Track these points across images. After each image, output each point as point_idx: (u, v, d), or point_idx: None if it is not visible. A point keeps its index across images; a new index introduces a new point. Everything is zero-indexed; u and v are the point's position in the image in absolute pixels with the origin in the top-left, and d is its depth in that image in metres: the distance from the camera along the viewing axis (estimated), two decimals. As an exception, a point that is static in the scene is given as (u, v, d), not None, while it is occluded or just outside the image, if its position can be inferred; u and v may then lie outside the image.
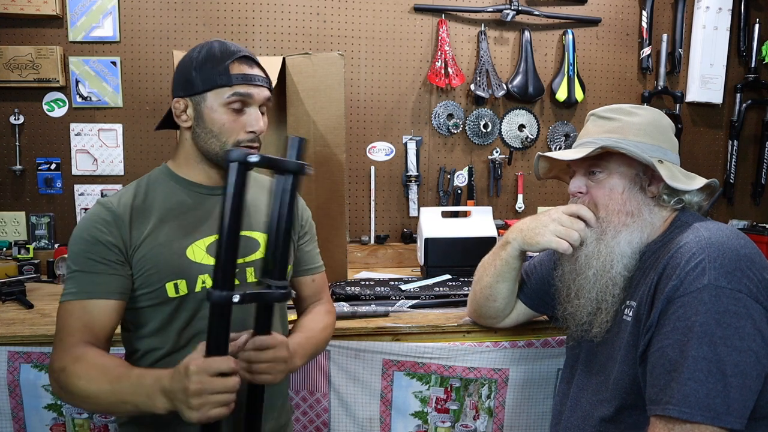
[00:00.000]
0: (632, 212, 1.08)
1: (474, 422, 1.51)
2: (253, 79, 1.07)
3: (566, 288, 1.17)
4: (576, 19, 2.38)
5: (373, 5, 2.27)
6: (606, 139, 1.09)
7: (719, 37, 2.43)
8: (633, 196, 1.09)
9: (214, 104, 1.06)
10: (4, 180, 2.19)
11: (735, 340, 0.87)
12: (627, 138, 1.08)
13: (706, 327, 0.88)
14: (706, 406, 0.85)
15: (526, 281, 1.39)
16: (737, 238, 0.95)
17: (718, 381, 0.86)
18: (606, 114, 1.13)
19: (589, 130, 1.15)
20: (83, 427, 1.44)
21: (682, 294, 0.92)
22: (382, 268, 2.28)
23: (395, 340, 1.47)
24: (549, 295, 1.32)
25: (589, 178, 1.13)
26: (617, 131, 1.10)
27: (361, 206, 2.33)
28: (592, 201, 1.13)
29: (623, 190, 1.09)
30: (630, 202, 1.08)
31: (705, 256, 0.92)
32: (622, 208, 1.09)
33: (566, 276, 1.17)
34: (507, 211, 2.44)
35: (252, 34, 2.23)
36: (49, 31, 2.14)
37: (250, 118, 1.07)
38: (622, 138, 1.08)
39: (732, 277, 0.90)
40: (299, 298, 1.30)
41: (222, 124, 1.06)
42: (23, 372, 1.39)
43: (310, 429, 1.50)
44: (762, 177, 2.53)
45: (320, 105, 1.75)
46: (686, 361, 0.87)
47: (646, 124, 1.10)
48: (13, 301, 1.69)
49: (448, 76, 2.27)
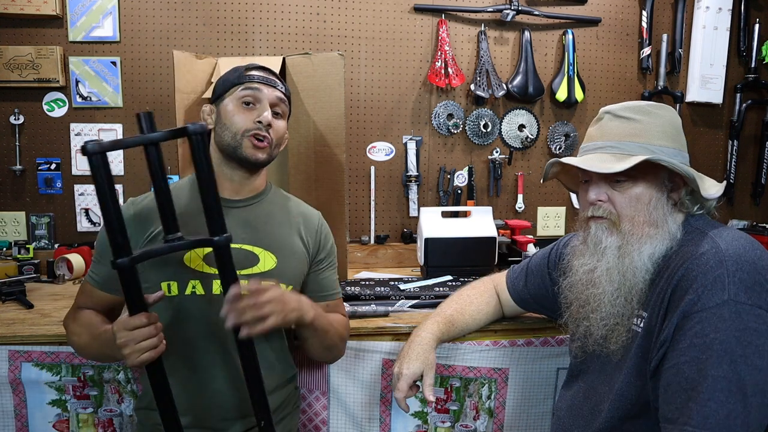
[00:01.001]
0: (657, 223, 1.02)
1: (474, 422, 1.51)
2: (263, 79, 1.20)
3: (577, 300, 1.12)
4: (576, 19, 2.38)
5: (373, 5, 2.27)
6: (633, 144, 1.01)
7: (719, 37, 2.42)
8: (659, 206, 1.02)
9: (230, 102, 1.20)
10: (4, 180, 2.19)
11: (755, 359, 0.85)
12: (651, 142, 1.01)
13: (726, 345, 0.85)
14: (726, 427, 0.83)
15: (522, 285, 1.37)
16: (753, 248, 0.93)
17: (739, 401, 0.84)
18: (625, 113, 1.04)
19: (606, 131, 1.05)
20: (87, 422, 1.44)
21: (700, 309, 0.89)
22: (382, 268, 2.28)
23: (395, 340, 1.47)
24: (548, 300, 1.32)
25: (611, 185, 1.04)
26: (641, 135, 1.02)
27: (361, 206, 2.33)
28: (614, 210, 1.05)
29: (650, 199, 1.02)
30: (656, 211, 1.02)
31: (723, 270, 0.89)
32: (648, 219, 1.02)
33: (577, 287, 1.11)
34: (507, 211, 2.44)
35: (252, 34, 2.23)
36: (49, 31, 2.14)
37: (258, 112, 1.18)
38: (647, 143, 1.01)
39: (752, 293, 0.87)
40: None
41: (233, 116, 1.18)
42: (24, 370, 1.40)
43: (309, 428, 1.50)
44: (762, 177, 2.53)
45: (320, 105, 1.75)
46: (705, 380, 0.85)
47: (668, 125, 1.04)
48: (13, 301, 1.69)
49: (448, 76, 2.27)
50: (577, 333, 1.13)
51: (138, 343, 0.97)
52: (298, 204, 1.33)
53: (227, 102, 1.20)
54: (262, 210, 1.24)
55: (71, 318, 1.22)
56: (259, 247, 1.20)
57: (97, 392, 1.44)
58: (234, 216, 1.20)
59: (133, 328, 0.97)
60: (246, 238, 1.19)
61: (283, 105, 1.23)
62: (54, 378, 1.41)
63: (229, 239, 1.02)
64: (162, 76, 2.20)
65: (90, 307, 1.22)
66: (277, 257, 1.20)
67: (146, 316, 0.98)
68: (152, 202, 1.15)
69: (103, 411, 1.44)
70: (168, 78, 2.18)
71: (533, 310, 1.43)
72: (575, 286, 1.12)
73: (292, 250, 1.23)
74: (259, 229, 1.21)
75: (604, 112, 1.08)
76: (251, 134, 1.17)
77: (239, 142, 1.17)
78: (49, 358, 1.40)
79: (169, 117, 2.15)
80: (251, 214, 1.22)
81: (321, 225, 1.33)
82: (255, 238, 1.20)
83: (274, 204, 1.27)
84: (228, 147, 1.18)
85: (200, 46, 2.20)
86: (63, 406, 1.44)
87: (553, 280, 1.30)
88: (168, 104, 2.18)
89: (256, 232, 1.21)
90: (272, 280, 1.18)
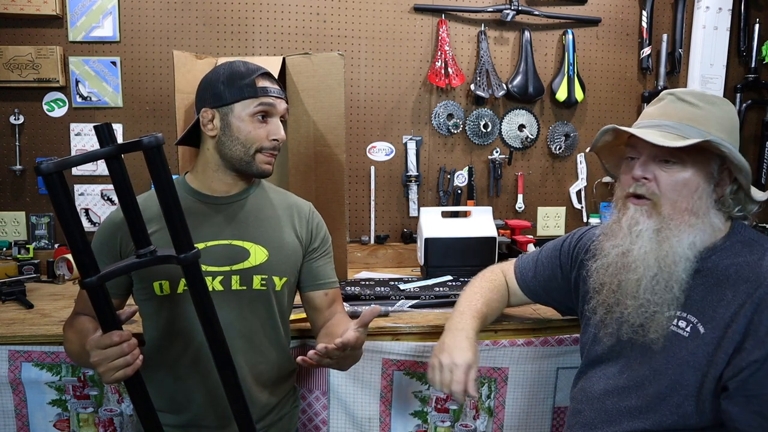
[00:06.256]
0: (699, 213, 0.99)
1: (474, 422, 1.51)
2: (275, 92, 1.20)
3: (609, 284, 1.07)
4: (576, 19, 2.38)
5: (373, 5, 2.27)
6: (691, 129, 0.98)
7: (719, 37, 2.42)
8: (704, 196, 0.99)
9: (242, 114, 1.17)
10: (4, 180, 2.19)
11: None
12: (710, 131, 0.98)
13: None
14: None
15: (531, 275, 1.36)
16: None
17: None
18: (688, 98, 1.01)
19: (667, 110, 1.02)
20: (88, 422, 1.45)
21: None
22: (382, 268, 2.28)
23: (395, 340, 1.47)
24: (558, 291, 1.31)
25: (659, 165, 1.00)
26: (701, 122, 0.99)
27: (361, 206, 2.33)
28: (657, 191, 1.00)
29: (697, 187, 0.99)
30: (700, 201, 0.99)
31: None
32: (690, 207, 0.99)
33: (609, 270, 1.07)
34: (507, 211, 2.44)
35: (252, 34, 2.23)
36: (49, 31, 2.14)
37: (272, 128, 1.19)
38: (705, 130, 0.98)
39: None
40: (313, 310, 1.31)
41: (248, 132, 1.17)
42: (24, 370, 1.40)
43: (309, 428, 1.50)
44: (762, 177, 2.53)
45: (320, 105, 1.75)
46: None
47: (727, 119, 1.01)
48: (13, 301, 1.69)
49: (448, 76, 2.27)
50: (608, 319, 1.09)
51: (111, 362, 0.96)
52: (287, 196, 1.34)
53: (239, 113, 1.16)
54: (251, 205, 1.25)
55: (68, 323, 1.22)
56: (249, 241, 1.20)
57: (97, 392, 1.44)
58: (223, 212, 1.21)
59: (106, 347, 0.96)
60: (236, 233, 1.20)
61: (287, 114, 1.25)
62: (54, 378, 1.41)
63: (197, 255, 0.99)
64: (162, 76, 2.20)
65: (87, 312, 1.21)
66: (268, 250, 1.21)
67: (118, 335, 0.97)
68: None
69: (103, 411, 1.45)
70: (168, 78, 2.18)
71: (542, 302, 1.40)
72: (607, 269, 1.08)
73: (283, 243, 1.24)
74: (249, 224, 1.22)
75: (667, 93, 1.05)
76: (266, 152, 1.18)
77: (252, 157, 1.18)
78: (49, 358, 1.40)
79: (169, 117, 2.16)
80: (240, 210, 1.23)
81: (312, 214, 1.33)
82: (245, 233, 1.21)
83: (262, 198, 1.28)
84: (239, 161, 1.18)
85: (200, 46, 2.20)
86: (63, 406, 1.44)
87: (563, 270, 1.29)
88: (168, 104, 2.18)
89: (245, 227, 1.21)
90: (264, 273, 1.20)
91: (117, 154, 0.92)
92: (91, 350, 0.97)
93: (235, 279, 1.17)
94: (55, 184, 0.86)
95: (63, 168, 0.87)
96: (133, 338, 0.99)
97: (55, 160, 0.86)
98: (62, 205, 0.88)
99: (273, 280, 1.21)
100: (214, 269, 1.16)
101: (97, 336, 0.99)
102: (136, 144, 0.91)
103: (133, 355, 0.98)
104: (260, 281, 1.19)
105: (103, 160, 0.92)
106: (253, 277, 1.19)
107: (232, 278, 1.17)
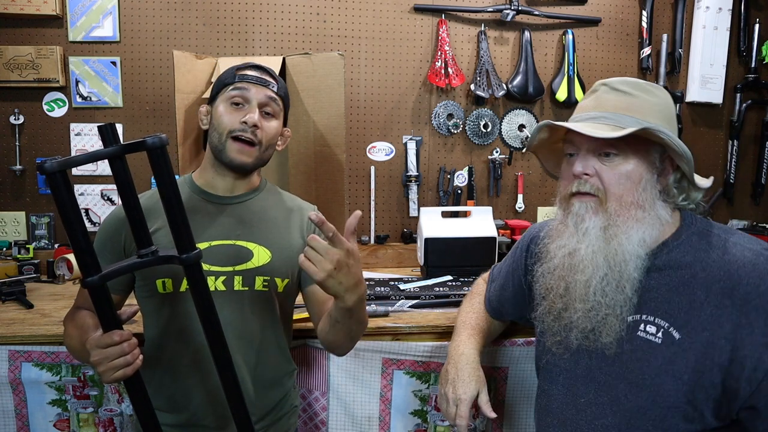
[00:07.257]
0: (645, 206, 0.94)
1: (474, 421, 1.51)
2: (254, 79, 1.18)
3: (555, 288, 1.01)
4: (576, 19, 2.38)
5: (373, 5, 2.27)
6: (628, 118, 0.94)
7: (719, 37, 2.42)
8: (649, 188, 0.95)
9: (221, 103, 1.19)
10: (4, 180, 2.19)
11: None
12: (647, 119, 0.94)
13: None
14: None
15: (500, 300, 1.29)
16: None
17: None
18: (622, 87, 0.98)
19: (602, 102, 0.98)
20: (88, 421, 1.45)
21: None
22: (382, 268, 2.28)
23: (395, 340, 1.47)
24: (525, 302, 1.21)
25: (600, 159, 0.96)
26: (637, 110, 0.96)
27: (361, 206, 2.33)
28: (601, 186, 0.96)
29: (640, 179, 0.95)
30: (645, 193, 0.94)
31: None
32: (636, 200, 0.94)
33: (555, 273, 1.01)
34: (507, 211, 2.44)
35: (252, 34, 2.23)
36: (49, 31, 2.14)
37: (245, 112, 1.17)
38: (642, 119, 0.94)
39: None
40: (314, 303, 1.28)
41: (220, 117, 1.17)
42: (24, 370, 1.40)
43: (309, 427, 1.50)
44: (762, 177, 2.53)
45: (320, 105, 1.75)
46: None
47: (664, 106, 0.99)
48: (13, 301, 1.69)
49: (448, 76, 2.27)
50: (555, 326, 1.03)
51: (111, 361, 0.96)
52: (292, 198, 1.33)
53: (218, 102, 1.19)
54: (257, 206, 1.25)
55: (69, 317, 1.22)
56: (253, 242, 1.20)
57: (97, 392, 1.44)
58: (228, 212, 1.21)
59: (106, 346, 0.96)
60: (240, 234, 1.20)
61: (275, 104, 1.20)
62: (54, 378, 1.41)
63: (199, 256, 0.98)
64: (162, 76, 2.20)
65: (88, 307, 1.21)
66: (271, 252, 1.21)
67: (119, 335, 0.97)
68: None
69: (103, 411, 1.45)
70: (168, 78, 2.18)
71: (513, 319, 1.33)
72: (553, 272, 1.02)
73: (287, 244, 1.23)
74: (254, 225, 1.22)
75: (600, 84, 1.01)
76: (235, 135, 1.16)
77: (224, 144, 1.16)
78: (49, 358, 1.40)
79: (170, 117, 2.16)
80: (245, 211, 1.23)
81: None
82: (249, 234, 1.20)
83: (268, 200, 1.27)
84: (215, 149, 1.18)
85: (200, 46, 2.20)
86: (63, 406, 1.44)
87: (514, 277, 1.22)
88: (168, 104, 2.18)
89: (250, 228, 1.21)
90: (266, 274, 1.19)
91: (121, 154, 0.92)
92: (92, 349, 0.98)
93: (238, 279, 1.17)
94: (58, 183, 0.86)
95: (67, 167, 0.87)
96: (134, 338, 1.00)
97: (59, 159, 0.85)
98: (65, 204, 0.87)
99: (275, 281, 1.20)
100: (217, 269, 1.16)
101: (97, 335, 0.99)
102: (140, 144, 0.92)
103: (133, 354, 0.98)
104: (262, 282, 1.19)
105: (105, 160, 0.92)
106: (255, 278, 1.18)
107: (235, 279, 1.17)
